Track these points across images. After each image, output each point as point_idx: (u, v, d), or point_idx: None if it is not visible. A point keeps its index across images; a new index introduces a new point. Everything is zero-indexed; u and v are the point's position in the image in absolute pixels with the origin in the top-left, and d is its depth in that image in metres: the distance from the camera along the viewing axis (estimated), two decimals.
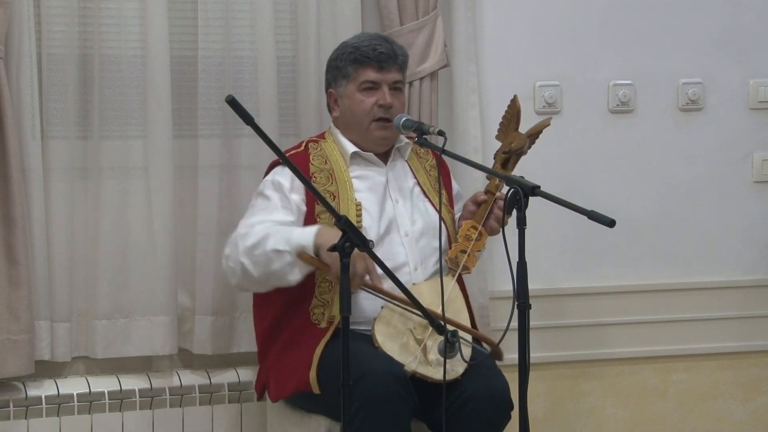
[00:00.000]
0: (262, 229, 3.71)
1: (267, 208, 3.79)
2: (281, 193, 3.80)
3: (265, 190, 3.84)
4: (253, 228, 3.73)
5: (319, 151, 3.91)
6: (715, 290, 4.70)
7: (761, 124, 4.72)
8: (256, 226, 3.74)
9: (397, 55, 3.91)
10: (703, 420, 4.72)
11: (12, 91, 3.93)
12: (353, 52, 3.87)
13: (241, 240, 3.73)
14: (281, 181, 3.82)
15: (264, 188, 3.84)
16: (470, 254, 3.85)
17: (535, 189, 3.34)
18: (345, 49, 3.90)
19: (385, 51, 3.87)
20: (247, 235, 3.73)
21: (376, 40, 3.91)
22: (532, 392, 3.85)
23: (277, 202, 3.79)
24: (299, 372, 3.70)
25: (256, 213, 3.81)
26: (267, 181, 3.86)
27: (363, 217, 3.79)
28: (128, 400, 4.08)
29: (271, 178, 3.85)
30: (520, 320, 3.31)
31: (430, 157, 4.05)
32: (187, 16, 4.15)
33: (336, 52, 3.94)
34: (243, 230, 3.77)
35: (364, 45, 3.87)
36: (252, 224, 3.76)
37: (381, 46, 3.87)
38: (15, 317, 3.92)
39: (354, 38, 3.95)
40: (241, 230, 3.78)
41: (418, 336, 3.66)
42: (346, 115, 3.91)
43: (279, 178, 3.83)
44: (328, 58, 3.98)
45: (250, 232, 3.73)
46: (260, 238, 3.68)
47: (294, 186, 3.80)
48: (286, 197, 3.80)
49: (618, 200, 4.54)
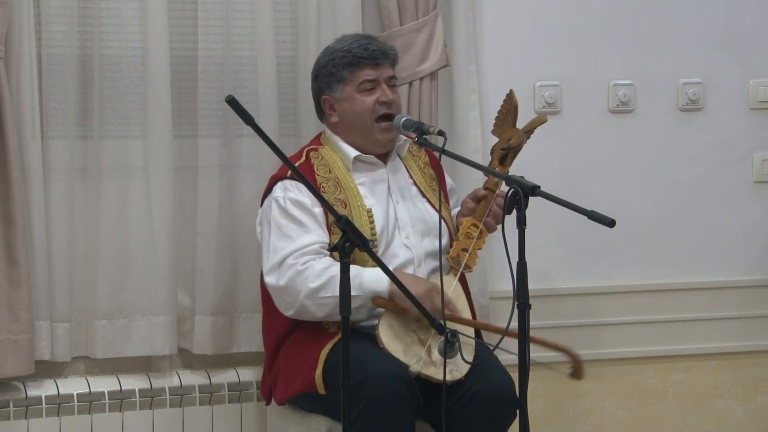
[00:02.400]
0: (323, 269, 3.65)
1: (303, 233, 3.72)
2: (306, 211, 3.75)
3: (291, 209, 3.75)
4: (312, 265, 3.67)
5: (320, 160, 3.89)
6: (715, 290, 4.70)
7: (761, 124, 4.72)
8: (314, 264, 3.67)
9: (388, 50, 3.91)
10: (703, 420, 4.72)
11: (12, 91, 3.93)
12: (345, 56, 3.85)
13: (301, 278, 3.66)
14: (300, 199, 3.76)
15: (289, 207, 3.76)
16: (471, 253, 3.85)
17: (535, 189, 3.34)
18: (335, 54, 3.87)
19: (376, 48, 3.87)
20: (307, 274, 3.66)
21: (363, 39, 3.89)
22: (532, 392, 3.85)
23: (308, 222, 3.74)
24: (305, 373, 3.70)
25: (293, 238, 3.72)
26: (281, 198, 3.77)
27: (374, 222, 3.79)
28: (128, 400, 4.08)
29: (285, 196, 3.77)
30: (520, 320, 3.30)
31: (423, 155, 4.05)
32: (187, 16, 4.15)
33: (324, 58, 3.90)
34: (300, 266, 3.68)
35: (355, 47, 3.86)
36: (304, 254, 3.69)
37: (371, 45, 3.87)
38: (15, 317, 3.92)
39: (339, 43, 3.91)
40: (292, 262, 3.68)
41: (422, 336, 3.67)
42: (347, 118, 3.89)
43: (296, 196, 3.77)
44: (315, 66, 3.95)
45: (310, 269, 3.66)
46: (326, 282, 3.64)
47: (313, 200, 3.74)
48: (312, 214, 3.75)
49: (618, 200, 4.54)
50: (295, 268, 3.69)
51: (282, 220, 3.76)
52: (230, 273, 4.19)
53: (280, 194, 3.79)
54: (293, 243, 3.72)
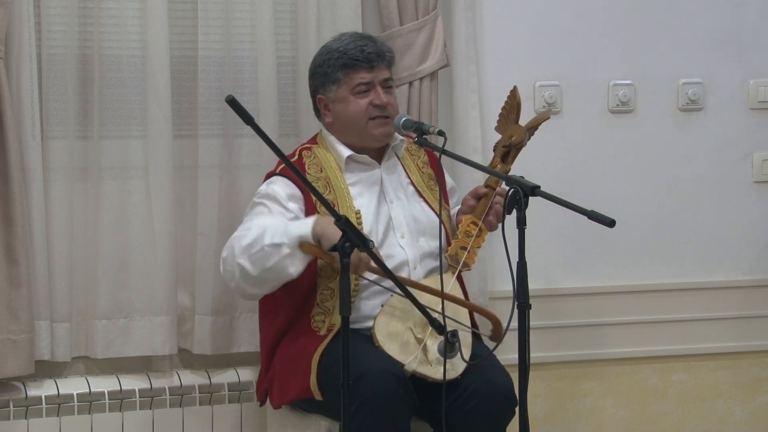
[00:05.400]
0: (257, 227, 3.70)
1: (263, 214, 3.77)
2: (275, 201, 3.78)
3: (259, 199, 3.81)
4: (249, 230, 3.73)
5: (313, 159, 3.90)
6: (715, 290, 4.70)
7: (761, 124, 4.72)
8: (252, 229, 3.72)
9: (384, 52, 3.89)
10: (703, 420, 4.72)
11: (12, 91, 3.93)
12: (341, 57, 3.84)
13: (237, 242, 3.71)
14: (275, 190, 3.79)
15: (258, 198, 3.82)
16: (470, 251, 3.85)
17: (535, 189, 3.34)
18: (331, 55, 3.87)
19: (373, 51, 3.86)
20: (242, 237, 3.71)
21: (360, 40, 3.88)
22: (532, 392, 3.86)
23: (274, 209, 3.77)
24: (299, 379, 3.70)
25: (252, 219, 3.78)
26: (260, 191, 3.83)
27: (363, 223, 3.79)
28: (128, 400, 4.08)
29: (265, 188, 3.82)
30: (520, 320, 3.30)
31: (422, 154, 4.04)
32: (187, 16, 4.15)
33: (320, 57, 3.91)
34: (238, 233, 3.75)
35: (351, 48, 3.85)
36: (248, 228, 3.74)
37: (367, 47, 3.86)
38: (15, 317, 3.92)
39: (336, 42, 3.90)
40: (236, 233, 3.76)
41: (418, 335, 3.67)
42: (341, 119, 3.89)
43: (274, 187, 3.80)
44: (311, 63, 3.95)
45: (246, 234, 3.71)
46: (256, 237, 3.66)
47: (291, 196, 3.78)
48: (282, 206, 3.77)
49: (618, 200, 4.54)
50: (235, 235, 3.74)
51: (252, 208, 3.82)
52: None
53: (263, 188, 3.84)
54: (247, 224, 3.76)
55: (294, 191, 3.79)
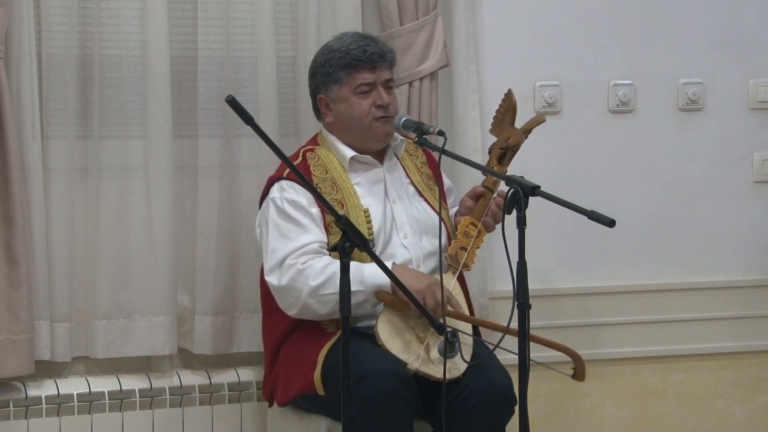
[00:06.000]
0: (323, 267, 3.65)
1: (302, 233, 3.72)
2: (303, 212, 3.74)
3: (288, 210, 3.75)
4: (312, 263, 3.66)
5: (317, 160, 3.89)
6: (715, 290, 4.70)
7: (761, 124, 4.72)
8: (314, 263, 3.66)
9: (386, 53, 3.89)
10: (703, 420, 4.72)
11: (12, 91, 3.93)
12: (343, 57, 3.84)
13: (301, 276, 3.66)
14: (297, 200, 3.76)
15: (286, 208, 3.75)
16: (470, 251, 3.85)
17: (535, 189, 3.34)
18: (333, 54, 3.86)
19: (375, 51, 3.85)
20: (308, 273, 3.66)
21: (363, 41, 3.88)
22: (532, 392, 3.86)
23: (306, 222, 3.73)
24: (304, 374, 3.70)
25: (292, 238, 3.72)
26: (278, 199, 3.77)
27: (371, 222, 3.79)
28: (128, 400, 4.08)
29: (281, 196, 3.77)
30: (520, 320, 3.30)
31: (420, 154, 4.04)
32: (187, 16, 4.15)
33: (322, 56, 3.89)
34: (300, 265, 3.67)
35: (353, 48, 3.84)
36: (303, 253, 3.68)
37: (370, 47, 3.85)
38: (15, 317, 3.92)
39: (338, 41, 3.89)
40: (292, 261, 3.68)
41: (420, 334, 3.67)
42: (342, 119, 3.89)
43: (293, 196, 3.76)
44: (312, 63, 3.95)
45: (310, 267, 3.66)
46: (327, 279, 3.63)
47: (310, 200, 3.75)
48: (309, 214, 3.75)
49: (618, 200, 4.54)
50: (296, 267, 3.69)
51: (279, 220, 3.76)
52: (230, 273, 4.19)
53: (277, 195, 3.79)
54: (292, 243, 3.72)
55: (307, 194, 3.77)
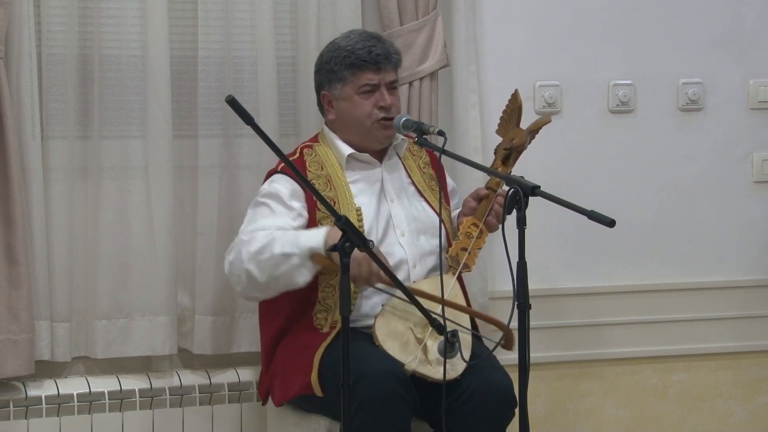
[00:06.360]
0: (265, 234, 3.70)
1: (267, 215, 3.77)
2: (279, 201, 3.78)
3: (262, 198, 3.81)
4: (256, 234, 3.72)
5: (314, 157, 3.90)
6: (715, 290, 4.70)
7: (761, 124, 4.72)
8: (258, 232, 3.72)
9: (391, 54, 3.89)
10: (703, 420, 4.72)
11: (12, 91, 3.93)
12: (348, 56, 3.84)
13: (245, 246, 3.70)
14: (279, 189, 3.79)
15: (261, 197, 3.82)
16: (471, 252, 3.85)
17: (535, 189, 3.34)
18: (339, 52, 3.86)
19: (380, 52, 3.85)
20: (250, 241, 3.70)
21: (369, 41, 3.88)
22: (532, 392, 3.86)
23: (278, 209, 3.77)
24: (301, 375, 3.70)
25: (257, 220, 3.78)
26: (263, 190, 3.83)
27: (363, 220, 3.79)
28: (128, 400, 4.08)
29: (268, 187, 3.82)
30: (520, 320, 3.31)
31: (424, 155, 4.05)
32: (187, 16, 4.15)
33: (328, 53, 3.90)
34: (245, 237, 3.74)
35: (359, 48, 3.84)
36: (254, 230, 3.74)
37: (376, 48, 3.85)
38: (15, 317, 3.92)
39: (345, 39, 3.89)
40: (243, 237, 3.75)
41: (418, 335, 3.67)
42: (344, 117, 3.89)
43: (276, 185, 3.81)
44: (318, 59, 3.95)
45: (254, 237, 3.71)
46: (265, 243, 3.66)
47: (294, 193, 3.79)
48: (285, 204, 3.78)
49: (618, 200, 4.54)
50: (241, 239, 3.74)
51: (256, 208, 3.81)
52: None
53: (265, 186, 3.83)
54: (253, 224, 3.76)
55: (296, 188, 3.79)
